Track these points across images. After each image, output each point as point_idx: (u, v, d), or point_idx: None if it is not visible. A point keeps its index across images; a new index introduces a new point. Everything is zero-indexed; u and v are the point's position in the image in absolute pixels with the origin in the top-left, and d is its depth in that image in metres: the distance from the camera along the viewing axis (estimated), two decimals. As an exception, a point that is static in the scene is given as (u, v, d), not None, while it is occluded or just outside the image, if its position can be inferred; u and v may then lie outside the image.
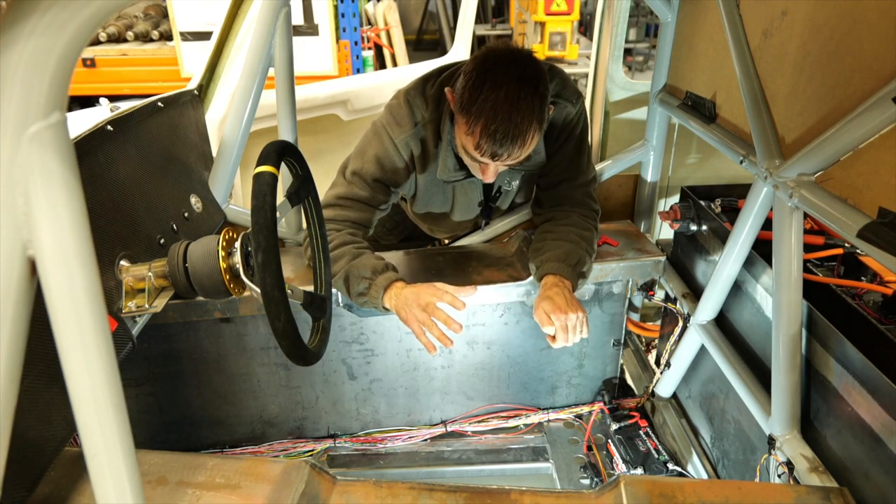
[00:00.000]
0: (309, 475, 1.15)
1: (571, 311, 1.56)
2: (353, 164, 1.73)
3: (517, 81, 1.42)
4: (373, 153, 1.70)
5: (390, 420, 2.13)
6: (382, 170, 1.70)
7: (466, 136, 1.48)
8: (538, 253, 1.76)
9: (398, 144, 1.68)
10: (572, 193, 1.85)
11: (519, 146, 1.46)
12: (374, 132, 1.72)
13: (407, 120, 1.68)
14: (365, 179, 1.70)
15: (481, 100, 1.42)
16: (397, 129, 1.68)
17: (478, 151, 1.48)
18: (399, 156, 1.70)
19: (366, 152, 1.71)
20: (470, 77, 1.45)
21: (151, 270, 1.29)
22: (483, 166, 1.57)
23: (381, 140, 1.69)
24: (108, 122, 1.38)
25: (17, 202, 0.56)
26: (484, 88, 1.42)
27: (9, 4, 0.52)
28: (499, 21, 8.59)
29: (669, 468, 1.91)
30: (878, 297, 1.39)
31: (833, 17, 1.24)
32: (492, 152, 1.46)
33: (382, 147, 1.69)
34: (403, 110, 1.69)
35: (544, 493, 1.18)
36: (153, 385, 1.94)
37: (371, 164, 1.70)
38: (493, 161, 1.51)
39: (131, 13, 4.89)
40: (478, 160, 1.53)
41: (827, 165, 1.25)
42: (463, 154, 1.58)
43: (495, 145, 1.44)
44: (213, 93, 2.03)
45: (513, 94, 1.41)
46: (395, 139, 1.68)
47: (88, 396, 0.62)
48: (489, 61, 1.45)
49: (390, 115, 1.70)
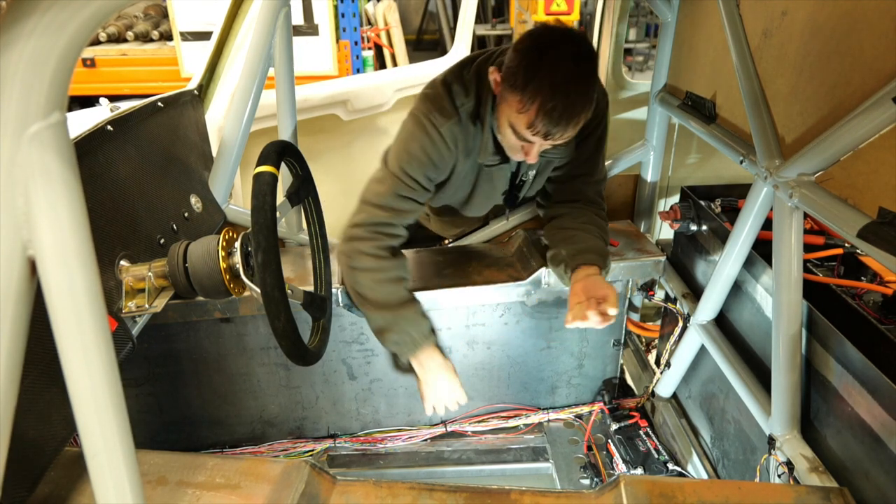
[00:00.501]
0: (309, 475, 1.15)
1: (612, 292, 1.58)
2: (399, 159, 1.64)
3: (574, 60, 1.39)
4: (418, 146, 1.62)
5: (390, 420, 2.13)
6: (431, 162, 1.64)
7: (519, 114, 1.43)
8: (570, 242, 1.73)
9: (444, 133, 1.61)
10: (586, 190, 1.83)
11: (573, 126, 1.43)
12: (415, 123, 1.64)
13: (449, 106, 1.61)
14: (413, 175, 1.63)
15: (539, 77, 1.38)
16: (440, 117, 1.61)
17: (530, 130, 1.44)
18: (444, 144, 1.63)
19: (410, 146, 1.64)
20: (525, 54, 1.41)
21: (151, 270, 1.29)
22: (527, 147, 1.53)
23: (425, 130, 1.62)
24: (108, 122, 1.38)
25: (17, 202, 0.56)
26: (542, 66, 1.38)
27: (9, 4, 0.52)
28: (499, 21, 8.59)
29: (669, 468, 1.91)
30: (878, 297, 1.39)
31: (833, 17, 1.24)
32: (546, 131, 1.42)
33: (428, 138, 1.61)
34: (444, 97, 1.62)
35: (544, 493, 1.18)
36: (153, 385, 1.94)
37: (418, 159, 1.63)
38: (545, 140, 1.47)
39: (131, 13, 4.89)
40: (527, 139, 1.48)
41: (827, 165, 1.25)
42: (507, 134, 1.53)
43: (550, 124, 1.40)
44: (213, 93, 2.02)
45: (571, 73, 1.38)
46: (440, 128, 1.61)
47: (88, 396, 0.62)
48: (545, 38, 1.42)
49: (430, 104, 1.63)
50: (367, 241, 1.63)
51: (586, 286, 1.60)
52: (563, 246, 1.74)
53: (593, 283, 1.60)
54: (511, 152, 1.61)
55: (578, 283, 1.63)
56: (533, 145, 1.52)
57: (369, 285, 1.65)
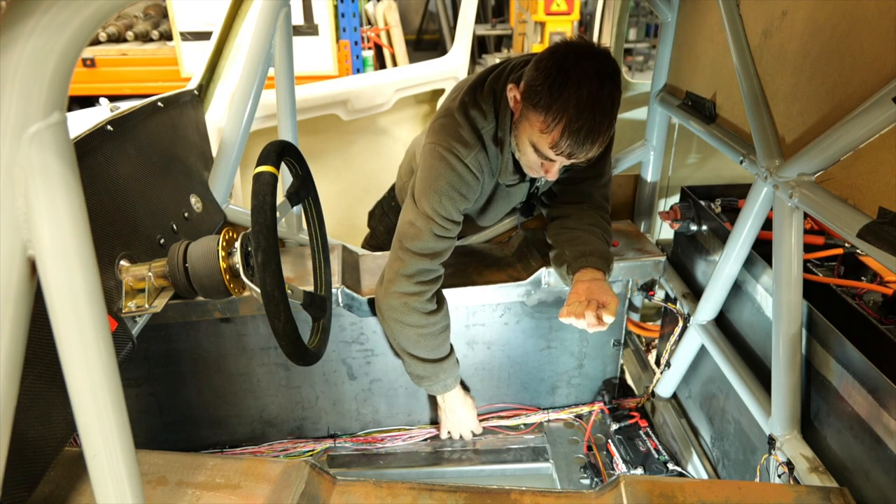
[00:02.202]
0: (309, 475, 1.15)
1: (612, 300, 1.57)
2: (430, 199, 1.60)
3: (599, 79, 1.37)
4: (445, 183, 1.58)
5: (390, 420, 2.13)
6: (461, 196, 1.60)
7: (542, 133, 1.41)
8: (575, 244, 1.72)
9: (470, 165, 1.58)
10: (593, 192, 1.83)
11: (598, 145, 1.42)
12: (439, 159, 1.59)
13: (470, 136, 1.58)
14: (445, 215, 1.61)
15: (564, 97, 1.36)
16: (464, 149, 1.57)
17: (554, 150, 1.42)
18: (472, 175, 1.60)
19: (437, 184, 1.59)
20: (549, 73, 1.39)
21: (151, 270, 1.29)
22: (548, 165, 1.51)
23: (450, 165, 1.58)
24: (108, 122, 1.38)
25: (17, 202, 0.56)
26: (567, 85, 1.36)
27: (9, 4, 0.52)
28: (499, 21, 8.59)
29: (669, 468, 1.91)
30: (878, 297, 1.39)
31: (833, 17, 1.24)
32: (570, 151, 1.41)
33: (455, 173, 1.58)
34: (464, 126, 1.59)
35: (544, 493, 1.18)
36: (153, 385, 1.94)
37: (448, 195, 1.59)
38: (568, 160, 1.45)
39: (131, 13, 4.89)
40: (549, 158, 1.47)
41: (827, 165, 1.25)
42: (528, 152, 1.51)
43: (576, 145, 1.39)
44: (213, 93, 2.03)
45: (596, 93, 1.36)
46: (465, 160, 1.58)
47: (88, 396, 0.62)
48: (570, 56, 1.39)
49: (450, 136, 1.58)
50: (415, 295, 1.65)
51: (590, 288, 1.60)
52: (567, 247, 1.74)
53: (598, 287, 1.60)
54: (530, 170, 1.60)
55: (582, 284, 1.62)
56: (554, 164, 1.50)
57: (415, 339, 1.72)
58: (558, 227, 1.82)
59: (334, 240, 1.96)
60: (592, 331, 1.55)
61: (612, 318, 1.53)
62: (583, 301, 1.56)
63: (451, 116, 1.62)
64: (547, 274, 1.88)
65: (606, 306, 1.53)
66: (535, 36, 6.82)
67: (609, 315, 1.52)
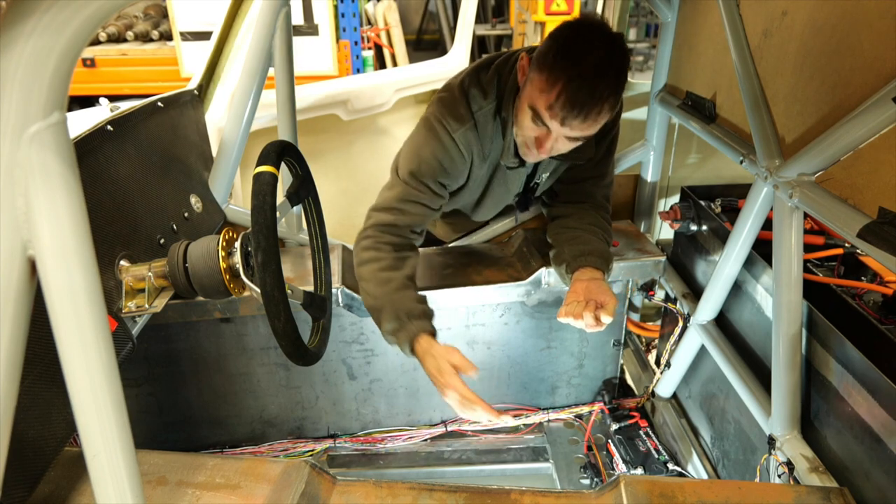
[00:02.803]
0: (309, 475, 1.15)
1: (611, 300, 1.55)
2: (409, 164, 1.62)
3: (607, 52, 1.37)
4: (430, 152, 1.60)
5: (390, 420, 2.13)
6: (442, 168, 1.61)
7: (541, 93, 1.40)
8: (574, 243, 1.72)
9: (457, 139, 1.59)
10: (595, 192, 1.83)
11: (592, 117, 1.40)
12: (428, 128, 1.61)
13: (465, 111, 1.59)
14: (423, 181, 1.61)
15: (570, 58, 1.36)
16: (455, 122, 1.58)
17: (549, 111, 1.41)
18: (458, 150, 1.60)
19: (421, 151, 1.61)
20: (559, 39, 1.40)
21: (151, 270, 1.29)
22: (542, 137, 1.49)
23: (437, 137, 1.59)
24: (108, 122, 1.38)
25: (17, 202, 0.56)
26: (574, 48, 1.37)
27: (9, 4, 0.52)
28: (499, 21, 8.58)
29: (669, 468, 1.91)
30: (878, 297, 1.39)
31: (833, 17, 1.24)
32: (563, 115, 1.39)
33: (440, 144, 1.59)
34: (460, 102, 1.59)
35: (544, 493, 1.18)
36: (153, 385, 1.94)
37: (429, 164, 1.60)
38: (561, 128, 1.43)
39: (131, 13, 4.88)
40: (544, 123, 1.45)
41: (827, 165, 1.25)
42: (524, 122, 1.49)
43: (569, 107, 1.38)
44: (213, 93, 2.02)
45: (602, 61, 1.36)
46: (453, 134, 1.58)
47: (88, 396, 0.62)
48: (583, 28, 1.41)
49: (445, 109, 1.60)
50: (371, 238, 1.62)
51: (589, 288, 1.59)
52: (567, 246, 1.73)
53: (597, 287, 1.59)
54: (524, 149, 1.58)
55: (581, 283, 1.62)
56: (548, 137, 1.47)
57: (368, 276, 1.61)
58: (559, 226, 1.82)
59: (334, 240, 1.96)
60: (591, 331, 1.55)
61: (609, 319, 1.52)
62: (581, 301, 1.56)
63: (450, 91, 1.64)
64: (547, 274, 1.88)
65: (605, 306, 1.53)
66: (535, 36, 6.81)
67: (607, 315, 1.52)
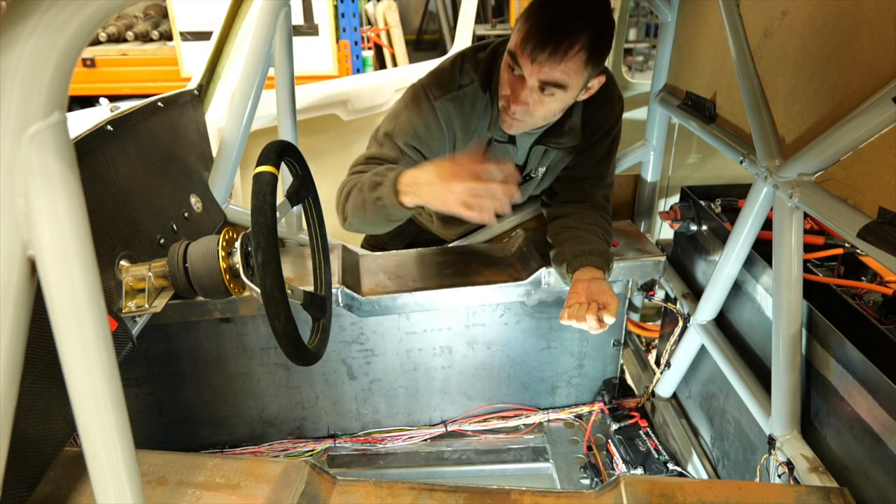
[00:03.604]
0: (309, 475, 1.15)
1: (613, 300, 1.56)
2: (386, 125, 1.65)
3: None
4: (407, 115, 1.63)
5: (390, 420, 2.13)
6: (415, 132, 1.62)
7: (516, 34, 1.42)
8: (575, 243, 1.72)
9: (436, 106, 1.60)
10: (595, 192, 1.83)
11: (562, 52, 1.38)
12: (411, 93, 1.65)
13: (449, 81, 1.61)
14: (396, 142, 1.62)
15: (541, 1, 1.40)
16: (437, 89, 1.61)
17: (519, 49, 1.41)
18: (435, 118, 1.61)
19: (400, 114, 1.64)
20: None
21: (151, 270, 1.29)
22: (516, 87, 1.47)
23: (417, 101, 1.62)
24: (108, 122, 1.38)
25: (17, 202, 0.56)
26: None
27: (9, 4, 0.52)
28: (499, 21, 8.58)
29: (669, 468, 1.91)
30: (878, 297, 1.39)
31: (833, 17, 1.24)
32: (531, 49, 1.39)
33: (418, 108, 1.61)
34: (448, 72, 1.62)
35: (544, 493, 1.18)
36: (153, 385, 1.94)
37: (403, 126, 1.62)
38: (531, 65, 1.42)
39: (131, 13, 4.89)
40: (518, 63, 1.45)
41: (827, 165, 1.25)
42: (504, 78, 1.50)
43: (537, 38, 1.38)
44: (213, 93, 2.02)
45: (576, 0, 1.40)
46: (433, 100, 1.60)
47: (88, 396, 0.62)
48: None
49: (432, 77, 1.64)
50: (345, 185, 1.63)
51: (590, 288, 1.60)
52: (567, 245, 1.74)
53: (598, 287, 1.60)
54: (504, 114, 1.55)
55: (582, 283, 1.62)
56: (524, 85, 1.46)
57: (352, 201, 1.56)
58: (559, 226, 1.82)
59: (334, 240, 1.96)
60: (595, 333, 1.55)
61: (612, 320, 1.53)
62: (583, 303, 1.56)
63: (444, 62, 1.68)
64: (547, 274, 1.88)
65: (607, 307, 1.53)
66: (535, 36, 6.80)
67: (610, 316, 1.52)
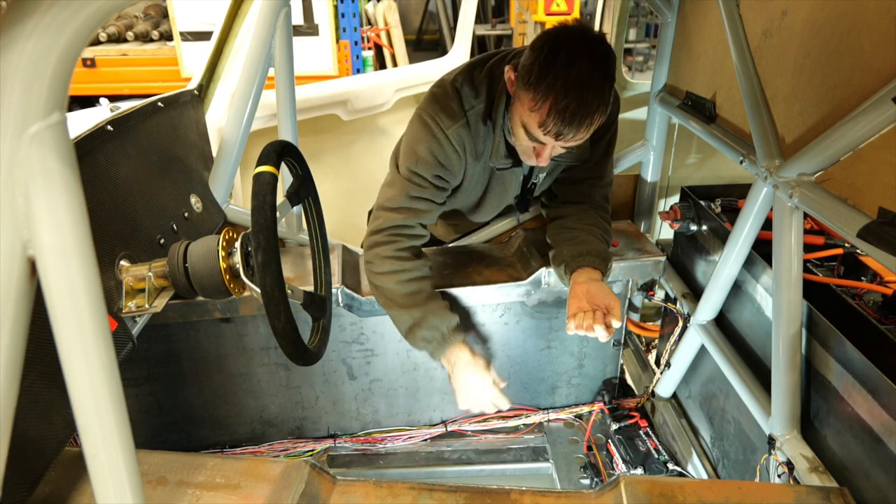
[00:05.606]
0: (309, 475, 1.15)
1: (615, 303, 1.57)
2: (407, 160, 1.64)
3: (590, 60, 1.37)
4: (425, 148, 1.61)
5: (390, 420, 2.13)
6: (438, 163, 1.62)
7: (531, 112, 1.41)
8: (573, 243, 1.73)
9: (450, 136, 1.60)
10: (593, 193, 1.83)
11: (585, 127, 1.41)
12: (422, 124, 1.63)
13: (457, 108, 1.60)
14: (424, 176, 1.62)
15: (553, 75, 1.36)
16: (447, 119, 1.59)
17: (542, 129, 1.42)
18: (452, 147, 1.61)
19: (417, 147, 1.62)
20: (540, 52, 1.40)
21: (151, 270, 1.29)
22: (539, 148, 1.51)
23: (431, 132, 1.60)
24: (108, 122, 1.38)
25: (17, 202, 0.56)
26: (556, 64, 1.37)
27: (9, 4, 0.52)
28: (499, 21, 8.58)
29: (669, 468, 1.91)
30: (878, 297, 1.39)
31: (833, 17, 1.24)
32: (557, 131, 1.40)
33: (435, 140, 1.60)
34: (452, 98, 1.60)
35: (544, 493, 1.18)
36: (153, 385, 1.94)
37: (425, 160, 1.61)
38: (556, 141, 1.45)
39: (131, 13, 4.88)
40: (538, 139, 1.47)
41: (827, 165, 1.25)
42: (520, 135, 1.51)
43: (562, 123, 1.39)
44: (213, 93, 2.02)
45: (585, 73, 1.36)
46: (446, 130, 1.59)
47: (88, 396, 0.62)
48: (561, 37, 1.40)
49: (437, 105, 1.61)
50: (387, 244, 1.64)
51: (590, 292, 1.60)
52: (566, 246, 1.74)
53: (598, 290, 1.60)
54: (524, 156, 1.60)
55: (580, 286, 1.62)
56: (545, 147, 1.50)
57: (393, 287, 1.65)
58: (558, 227, 1.82)
59: (334, 240, 1.96)
60: (603, 340, 1.56)
61: (619, 323, 1.55)
62: (587, 311, 1.56)
63: (443, 87, 1.65)
64: (547, 274, 1.88)
65: (610, 311, 1.54)
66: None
67: (616, 320, 1.54)
